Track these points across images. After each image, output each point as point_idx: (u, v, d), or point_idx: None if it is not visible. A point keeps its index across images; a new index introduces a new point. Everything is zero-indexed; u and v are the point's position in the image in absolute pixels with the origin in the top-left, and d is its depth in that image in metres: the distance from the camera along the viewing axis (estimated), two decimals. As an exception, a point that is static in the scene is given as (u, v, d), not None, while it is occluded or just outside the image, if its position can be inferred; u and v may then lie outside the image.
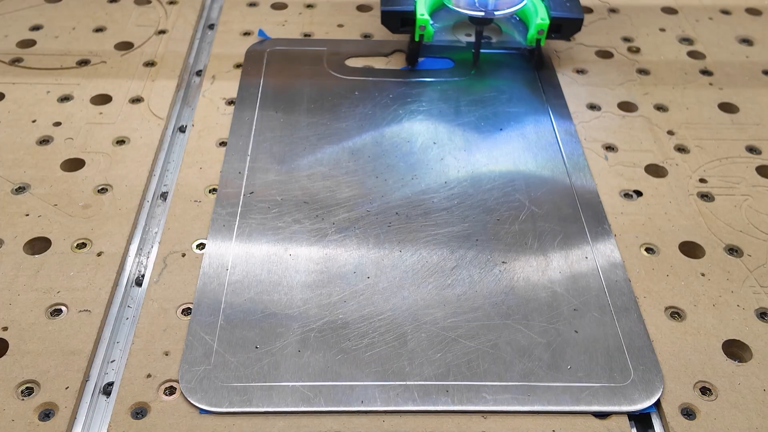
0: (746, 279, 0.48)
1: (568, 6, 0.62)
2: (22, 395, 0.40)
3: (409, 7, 0.61)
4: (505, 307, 0.45)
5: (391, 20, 0.62)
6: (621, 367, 0.42)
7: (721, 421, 0.40)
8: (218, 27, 0.69)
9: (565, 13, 0.61)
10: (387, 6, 0.62)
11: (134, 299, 0.46)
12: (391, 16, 0.62)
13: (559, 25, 0.61)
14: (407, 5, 0.61)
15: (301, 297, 0.45)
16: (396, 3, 0.62)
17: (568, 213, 0.51)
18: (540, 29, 0.60)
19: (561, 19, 0.61)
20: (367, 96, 0.61)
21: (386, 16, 0.62)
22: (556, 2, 0.62)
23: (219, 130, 0.57)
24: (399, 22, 0.62)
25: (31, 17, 0.68)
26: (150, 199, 0.52)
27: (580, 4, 0.62)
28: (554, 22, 0.61)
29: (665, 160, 0.56)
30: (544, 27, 0.60)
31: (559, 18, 0.61)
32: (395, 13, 0.61)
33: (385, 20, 0.62)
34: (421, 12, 0.60)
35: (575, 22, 0.61)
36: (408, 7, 0.61)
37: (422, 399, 0.40)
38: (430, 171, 0.54)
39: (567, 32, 0.62)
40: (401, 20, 0.62)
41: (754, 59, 0.67)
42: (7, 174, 0.53)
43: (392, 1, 0.62)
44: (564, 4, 0.62)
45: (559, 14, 0.61)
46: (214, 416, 0.40)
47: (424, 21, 0.59)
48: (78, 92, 0.60)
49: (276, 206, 0.51)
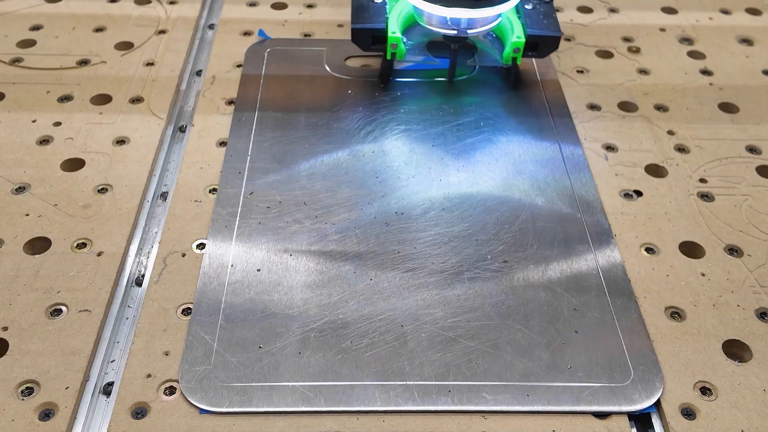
0: (746, 279, 0.48)
1: (546, 24, 0.59)
2: (22, 395, 0.40)
3: (380, 25, 0.58)
4: (505, 307, 0.45)
5: (362, 38, 0.59)
6: (621, 367, 0.42)
7: (721, 421, 0.40)
8: (218, 27, 0.69)
9: (542, 31, 0.58)
10: (357, 23, 0.59)
11: (134, 299, 0.46)
12: (361, 34, 0.59)
13: (535, 43, 0.59)
14: (378, 23, 0.58)
15: (301, 297, 0.45)
16: (367, 20, 0.59)
17: (568, 213, 0.51)
18: (516, 47, 0.58)
19: (538, 37, 0.58)
20: (366, 96, 0.61)
21: (357, 34, 0.59)
22: (533, 20, 0.59)
23: (219, 130, 0.57)
24: (370, 40, 0.59)
25: (31, 17, 0.68)
26: (150, 199, 0.52)
27: (557, 22, 0.59)
28: (530, 40, 0.58)
29: (665, 160, 0.56)
30: (520, 45, 0.58)
31: (535, 36, 0.58)
32: (366, 31, 0.59)
33: (356, 38, 0.59)
34: (392, 30, 0.57)
35: (552, 41, 0.59)
36: (379, 24, 0.58)
37: (422, 399, 0.40)
38: (430, 170, 0.54)
39: (544, 50, 0.59)
40: (372, 38, 0.59)
41: (754, 59, 0.67)
42: (7, 174, 0.53)
43: (363, 18, 0.59)
44: (541, 22, 0.59)
45: (536, 32, 0.58)
46: (214, 416, 0.40)
47: (395, 39, 0.57)
48: (78, 92, 0.60)
49: (276, 206, 0.51)
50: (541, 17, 0.60)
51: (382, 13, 0.59)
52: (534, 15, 0.60)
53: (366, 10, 0.59)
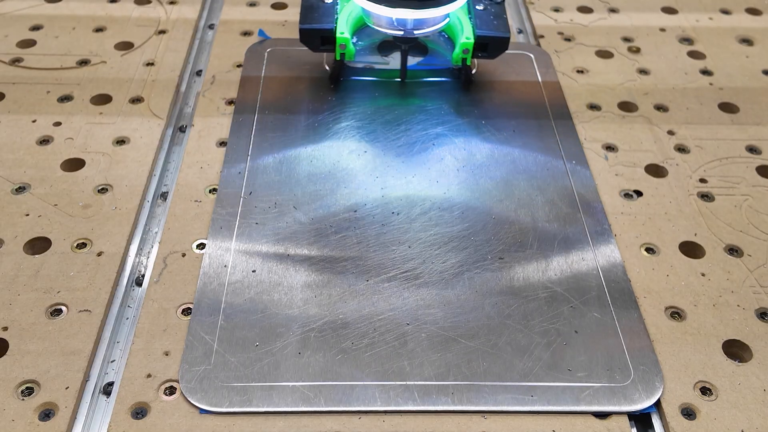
0: (746, 279, 0.48)
1: (495, 24, 0.58)
2: (22, 395, 0.40)
3: (329, 25, 0.57)
4: (505, 307, 0.45)
5: (311, 38, 0.58)
6: (621, 367, 0.42)
7: (721, 421, 0.40)
8: (218, 27, 0.69)
9: (491, 32, 0.58)
10: (306, 24, 0.58)
11: (134, 299, 0.46)
12: (310, 35, 0.58)
13: (485, 44, 0.58)
14: (327, 23, 0.58)
15: (301, 297, 0.45)
16: (315, 20, 0.58)
17: (568, 213, 0.51)
18: (465, 48, 0.57)
19: (487, 38, 0.58)
20: (366, 96, 0.61)
21: (305, 35, 0.58)
22: (483, 20, 0.59)
23: (219, 130, 0.57)
24: (319, 41, 0.58)
25: (31, 17, 0.68)
26: (150, 199, 0.52)
27: (507, 23, 0.59)
28: (480, 41, 0.57)
29: (665, 160, 0.56)
30: (468, 46, 0.57)
31: (484, 37, 0.58)
32: (314, 31, 0.58)
33: (304, 38, 0.58)
34: (341, 30, 0.57)
35: (502, 41, 0.58)
36: (328, 25, 0.58)
37: (422, 399, 0.40)
38: (430, 170, 0.54)
39: (494, 51, 0.59)
40: (321, 38, 0.58)
41: (754, 59, 0.67)
42: (7, 174, 0.53)
43: (311, 19, 0.58)
44: (491, 23, 0.58)
45: (485, 33, 0.58)
46: (214, 416, 0.40)
47: (344, 40, 0.57)
48: (78, 92, 0.60)
49: (276, 206, 0.51)
50: (492, 18, 0.59)
51: (332, 14, 0.58)
52: (485, 16, 0.59)
53: (315, 11, 0.59)
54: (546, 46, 0.67)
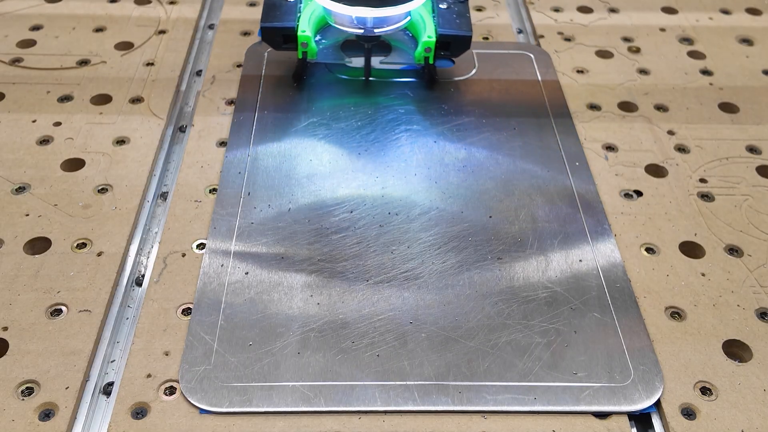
0: (746, 279, 0.48)
1: (458, 23, 0.58)
2: (22, 395, 0.40)
3: (290, 24, 0.57)
4: (505, 307, 0.45)
5: (272, 37, 0.58)
6: (621, 367, 0.42)
7: (721, 421, 0.40)
8: (218, 27, 0.69)
9: (453, 31, 0.58)
10: (267, 22, 0.57)
11: (134, 299, 0.46)
12: (271, 33, 0.58)
13: (447, 42, 0.58)
14: (289, 21, 0.57)
15: (301, 297, 0.45)
16: (276, 19, 0.57)
17: (568, 213, 0.51)
18: (427, 47, 0.57)
19: (449, 37, 0.58)
20: (366, 96, 0.61)
21: (267, 33, 0.58)
22: (445, 19, 0.58)
23: (219, 130, 0.57)
24: (281, 39, 0.58)
25: (31, 17, 0.68)
26: (150, 199, 0.52)
27: (470, 22, 0.59)
28: (442, 39, 0.57)
29: (665, 160, 0.56)
30: (430, 45, 0.57)
31: (446, 35, 0.57)
32: (276, 30, 0.57)
33: (266, 37, 0.58)
34: (302, 29, 0.57)
35: (463, 40, 0.58)
36: (289, 23, 0.57)
37: (422, 399, 0.40)
38: (430, 170, 0.54)
39: (456, 50, 0.59)
40: (283, 36, 0.58)
41: (754, 59, 0.67)
42: (7, 174, 0.53)
43: (273, 17, 0.58)
44: (454, 22, 0.58)
45: (447, 31, 0.57)
46: (214, 416, 0.40)
47: (306, 38, 0.57)
48: (78, 92, 0.60)
49: (276, 206, 0.51)
50: (455, 17, 0.59)
51: (293, 12, 0.58)
52: (447, 15, 0.59)
53: (277, 9, 0.59)
54: (546, 46, 0.67)
